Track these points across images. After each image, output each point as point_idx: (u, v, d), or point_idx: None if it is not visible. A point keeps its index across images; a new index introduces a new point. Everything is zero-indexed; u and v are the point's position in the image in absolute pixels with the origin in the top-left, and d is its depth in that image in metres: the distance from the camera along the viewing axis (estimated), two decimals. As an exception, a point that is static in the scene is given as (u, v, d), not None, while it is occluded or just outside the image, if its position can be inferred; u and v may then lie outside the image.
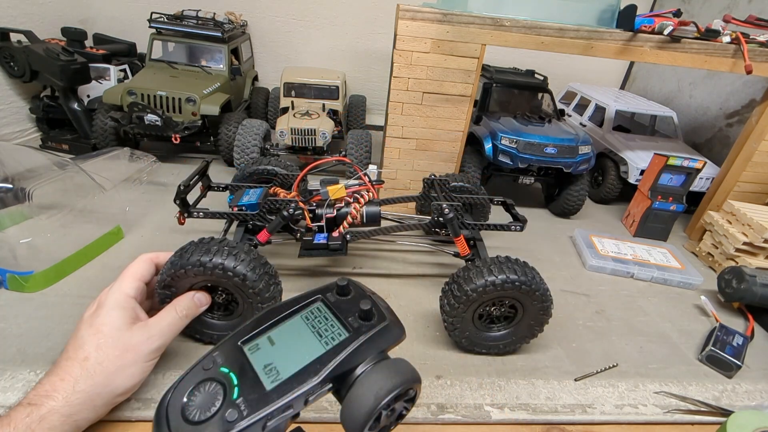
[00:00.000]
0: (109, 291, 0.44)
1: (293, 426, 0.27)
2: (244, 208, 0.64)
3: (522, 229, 0.67)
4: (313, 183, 0.68)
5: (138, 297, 0.45)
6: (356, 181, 0.65)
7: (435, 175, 0.74)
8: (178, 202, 0.62)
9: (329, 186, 0.63)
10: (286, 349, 0.27)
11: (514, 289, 0.51)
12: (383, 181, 0.90)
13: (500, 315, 0.56)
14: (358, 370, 0.26)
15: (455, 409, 0.49)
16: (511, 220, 0.71)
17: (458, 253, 0.64)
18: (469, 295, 0.51)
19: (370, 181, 0.66)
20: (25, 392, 0.45)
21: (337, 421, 0.26)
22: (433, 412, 0.49)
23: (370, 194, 0.65)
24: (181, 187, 0.62)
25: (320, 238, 0.62)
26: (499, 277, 0.51)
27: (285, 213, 0.58)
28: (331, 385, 0.26)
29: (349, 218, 0.62)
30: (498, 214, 0.79)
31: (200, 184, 0.70)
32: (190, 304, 0.46)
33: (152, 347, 0.41)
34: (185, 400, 0.24)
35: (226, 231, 0.69)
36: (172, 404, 0.24)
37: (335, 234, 0.63)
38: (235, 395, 0.24)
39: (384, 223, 0.65)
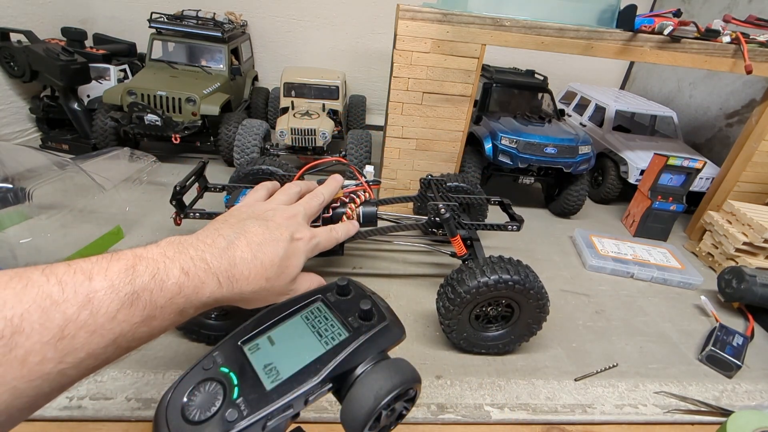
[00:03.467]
0: (310, 234, 0.43)
1: (293, 426, 0.27)
2: None
3: (519, 229, 0.67)
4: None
5: None
6: (353, 182, 0.65)
7: (432, 175, 0.74)
8: (174, 203, 0.62)
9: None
10: (286, 349, 0.27)
11: (508, 288, 0.51)
12: (380, 182, 0.90)
13: (497, 315, 0.56)
14: (358, 370, 0.26)
15: (455, 409, 0.49)
16: (509, 219, 0.71)
17: (455, 253, 0.64)
18: (463, 297, 0.52)
19: (366, 181, 0.66)
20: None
21: (337, 421, 0.26)
22: (433, 412, 0.49)
23: (367, 194, 0.65)
24: (178, 188, 0.62)
25: None
26: (491, 277, 0.51)
27: None
28: (331, 385, 0.26)
29: (345, 218, 0.62)
30: (496, 214, 0.79)
31: (197, 184, 0.70)
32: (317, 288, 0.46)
33: (280, 300, 0.39)
34: (185, 400, 0.24)
35: None
36: (172, 404, 0.24)
37: None
38: (235, 395, 0.24)
39: (381, 224, 0.65)
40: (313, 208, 0.48)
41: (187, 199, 0.66)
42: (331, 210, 0.64)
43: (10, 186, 0.61)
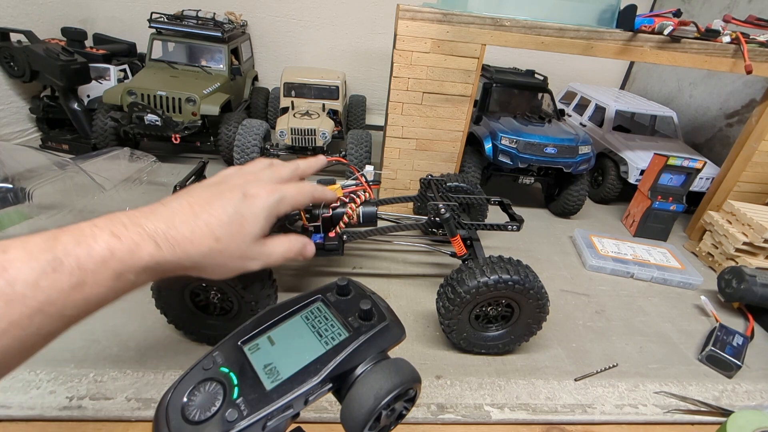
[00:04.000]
0: (269, 189, 0.39)
1: (293, 426, 0.27)
2: None
3: (519, 229, 0.67)
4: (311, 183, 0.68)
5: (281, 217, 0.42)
6: (353, 182, 0.65)
7: (432, 175, 0.74)
8: None
9: (326, 186, 0.63)
10: (286, 349, 0.27)
11: (508, 288, 0.51)
12: (380, 182, 0.90)
13: (497, 315, 0.56)
14: (358, 370, 0.26)
15: (455, 409, 0.49)
16: (509, 219, 0.71)
17: (455, 253, 0.64)
18: (462, 297, 0.52)
19: (366, 181, 0.66)
20: (25, 389, 0.45)
21: (337, 421, 0.26)
22: (433, 412, 0.49)
23: (367, 194, 0.65)
24: (177, 188, 0.62)
25: (317, 239, 0.62)
26: (491, 277, 0.51)
27: None
28: (331, 385, 0.26)
29: (345, 218, 0.62)
30: (496, 214, 0.79)
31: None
32: (299, 248, 0.43)
33: (251, 267, 0.39)
34: (185, 399, 0.24)
35: None
36: (172, 404, 0.24)
37: (332, 234, 0.63)
38: (235, 395, 0.24)
39: (381, 224, 0.65)
40: (281, 172, 0.43)
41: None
42: (331, 210, 0.64)
43: (10, 186, 0.61)
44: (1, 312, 0.23)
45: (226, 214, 0.36)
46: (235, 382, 0.25)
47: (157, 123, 0.97)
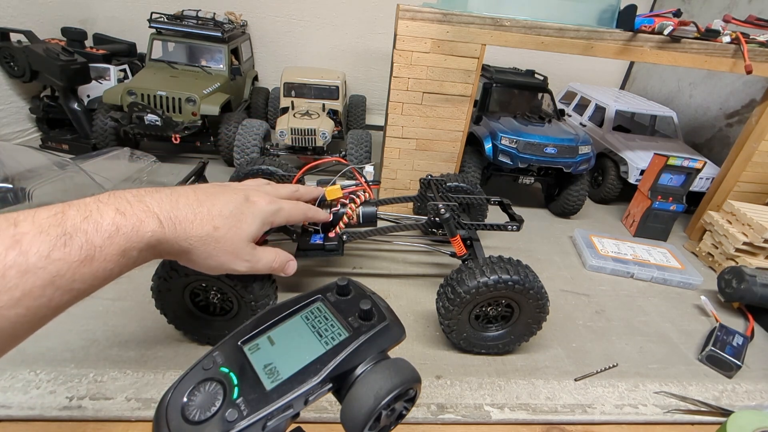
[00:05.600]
0: (269, 200, 0.43)
1: (293, 426, 0.27)
2: None
3: (519, 229, 0.67)
4: (310, 183, 0.68)
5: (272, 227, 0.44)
6: (352, 182, 0.65)
7: (432, 175, 0.74)
8: None
9: (325, 186, 0.63)
10: (286, 349, 0.27)
11: (508, 288, 0.51)
12: (379, 182, 0.90)
13: (497, 315, 0.56)
14: (358, 370, 0.26)
15: (455, 409, 0.49)
16: (508, 219, 0.71)
17: (455, 253, 0.64)
18: (462, 297, 0.51)
19: (366, 181, 0.66)
20: (25, 389, 0.45)
21: (337, 421, 0.26)
22: (433, 412, 0.49)
23: (366, 195, 0.65)
24: None
25: (317, 239, 0.62)
26: (491, 277, 0.51)
27: None
28: (331, 385, 0.26)
29: (345, 219, 0.62)
30: (496, 214, 0.79)
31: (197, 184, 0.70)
32: (284, 263, 0.45)
33: (239, 268, 0.41)
34: (185, 399, 0.24)
35: None
36: (172, 404, 0.24)
37: (331, 234, 0.63)
38: (235, 395, 0.24)
39: (381, 224, 0.65)
40: (281, 190, 0.48)
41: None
42: (331, 211, 0.64)
43: (10, 186, 0.61)
44: (15, 282, 0.24)
45: (227, 208, 0.37)
46: (235, 382, 0.25)
47: (157, 123, 0.97)
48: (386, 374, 0.26)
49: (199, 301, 0.52)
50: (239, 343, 0.27)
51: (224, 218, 0.37)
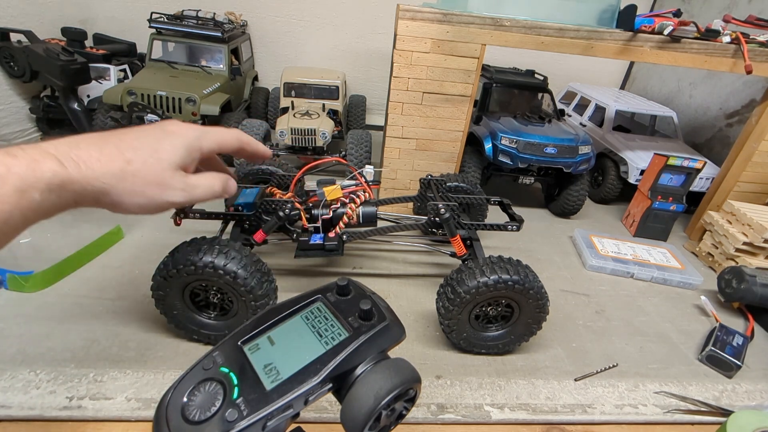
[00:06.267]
0: (191, 127, 0.40)
1: (293, 426, 0.27)
2: (240, 207, 0.64)
3: (518, 229, 0.67)
4: (310, 183, 0.68)
5: (204, 156, 0.41)
6: (352, 182, 0.65)
7: (432, 175, 0.74)
8: None
9: (326, 186, 0.63)
10: (286, 349, 0.27)
11: (508, 288, 0.51)
12: (379, 182, 0.90)
13: (497, 315, 0.56)
14: (358, 370, 0.26)
15: (455, 409, 0.49)
16: (508, 219, 0.71)
17: (455, 253, 0.64)
18: (462, 297, 0.51)
19: (366, 181, 0.66)
20: (25, 389, 0.45)
21: (337, 421, 0.26)
22: (433, 412, 0.49)
23: (366, 195, 0.65)
24: None
25: (317, 239, 0.62)
26: (491, 277, 0.51)
27: (281, 213, 0.58)
28: (331, 384, 0.26)
29: (345, 219, 0.62)
30: (496, 214, 0.79)
31: None
32: (224, 184, 0.42)
33: (174, 198, 0.38)
34: (185, 399, 0.24)
35: (222, 231, 0.69)
36: (172, 404, 0.24)
37: (331, 234, 0.63)
38: (235, 395, 0.24)
39: (381, 224, 0.65)
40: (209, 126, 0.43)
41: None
42: (331, 211, 0.64)
43: (10, 186, 0.61)
44: None
45: (138, 141, 0.35)
46: (235, 382, 0.25)
47: (157, 123, 0.97)
48: (386, 374, 0.26)
49: (199, 301, 0.52)
50: (239, 343, 0.27)
51: (136, 150, 0.34)
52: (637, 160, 1.03)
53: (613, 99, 1.21)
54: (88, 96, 1.11)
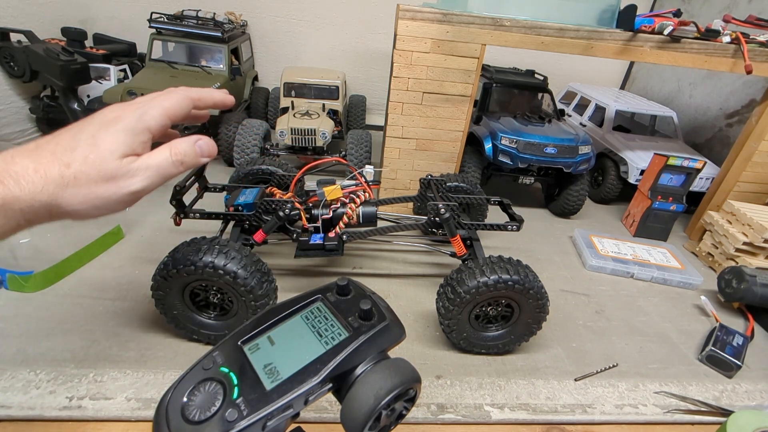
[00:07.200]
0: (131, 107, 0.36)
1: (293, 426, 0.27)
2: (240, 208, 0.64)
3: (519, 229, 0.67)
4: (310, 183, 0.68)
5: (156, 134, 0.36)
6: (352, 182, 0.66)
7: (432, 175, 0.74)
8: (174, 203, 0.62)
9: (326, 186, 0.63)
10: (286, 349, 0.27)
11: (508, 288, 0.51)
12: (379, 182, 0.90)
13: (497, 315, 0.56)
14: (358, 370, 0.26)
15: (455, 409, 0.49)
16: (508, 219, 0.71)
17: (455, 253, 0.64)
18: (463, 297, 0.51)
19: (366, 181, 0.66)
20: (25, 389, 0.45)
21: (337, 421, 0.26)
22: (433, 412, 0.49)
23: (366, 195, 0.65)
24: (177, 188, 0.62)
25: (317, 239, 0.62)
26: (491, 277, 0.51)
27: (281, 213, 0.58)
28: (331, 384, 0.26)
29: (345, 219, 0.62)
30: (496, 214, 0.79)
31: (197, 184, 0.70)
32: (188, 148, 0.37)
33: (133, 188, 0.34)
34: (185, 399, 0.24)
35: (222, 231, 0.69)
36: (172, 404, 0.24)
37: (331, 234, 0.63)
38: (235, 395, 0.24)
39: (381, 224, 0.65)
40: (153, 94, 0.38)
41: (187, 199, 0.66)
42: (331, 211, 0.64)
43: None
44: None
45: (74, 140, 0.32)
46: (235, 382, 0.25)
47: (157, 123, 0.97)
48: (386, 374, 0.26)
49: (199, 301, 0.52)
50: (239, 342, 0.27)
51: (73, 150, 0.31)
52: (637, 160, 1.03)
53: (613, 99, 1.21)
54: (88, 96, 1.11)
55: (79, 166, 0.31)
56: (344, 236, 0.63)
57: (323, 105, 1.15)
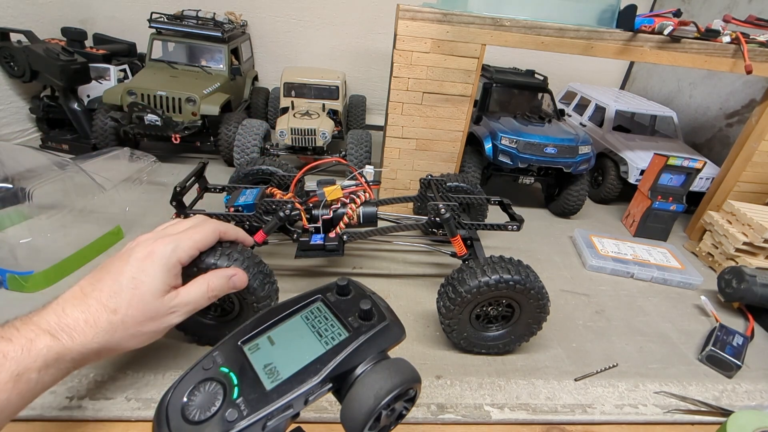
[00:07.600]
0: (164, 242, 0.39)
1: (293, 426, 0.27)
2: (240, 208, 0.64)
3: (519, 229, 0.67)
4: (310, 183, 0.68)
5: (186, 264, 0.40)
6: (352, 182, 0.65)
7: (432, 175, 0.74)
8: (174, 203, 0.62)
9: (326, 187, 0.63)
10: (286, 349, 0.27)
11: (509, 288, 0.51)
12: (379, 182, 0.90)
13: (498, 315, 0.56)
14: (358, 370, 0.26)
15: (455, 409, 0.49)
16: (509, 219, 0.71)
17: (455, 253, 0.64)
18: (463, 297, 0.51)
19: (366, 181, 0.66)
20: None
21: (337, 421, 0.26)
22: (433, 412, 0.49)
23: (367, 195, 0.65)
24: (178, 189, 0.62)
25: (317, 239, 0.62)
26: (492, 277, 0.51)
27: (281, 214, 0.58)
28: (331, 384, 0.26)
29: (345, 219, 0.62)
30: (496, 214, 0.79)
31: (197, 185, 0.70)
32: (224, 284, 0.41)
33: (173, 322, 0.38)
34: (185, 399, 0.24)
35: None
36: (172, 404, 0.24)
37: (332, 235, 0.63)
38: (235, 395, 0.24)
39: (381, 224, 0.65)
40: (185, 223, 0.43)
41: (187, 199, 0.66)
42: (331, 211, 0.64)
43: (10, 186, 0.61)
44: None
45: (117, 284, 0.35)
46: (235, 382, 0.25)
47: (157, 123, 0.97)
48: (386, 374, 0.26)
49: (199, 301, 0.52)
50: (239, 343, 0.27)
51: (117, 296, 0.35)
52: (637, 160, 1.03)
53: (613, 99, 1.21)
54: (88, 96, 1.11)
55: (125, 311, 0.35)
56: (345, 236, 0.63)
57: (323, 105, 1.15)
